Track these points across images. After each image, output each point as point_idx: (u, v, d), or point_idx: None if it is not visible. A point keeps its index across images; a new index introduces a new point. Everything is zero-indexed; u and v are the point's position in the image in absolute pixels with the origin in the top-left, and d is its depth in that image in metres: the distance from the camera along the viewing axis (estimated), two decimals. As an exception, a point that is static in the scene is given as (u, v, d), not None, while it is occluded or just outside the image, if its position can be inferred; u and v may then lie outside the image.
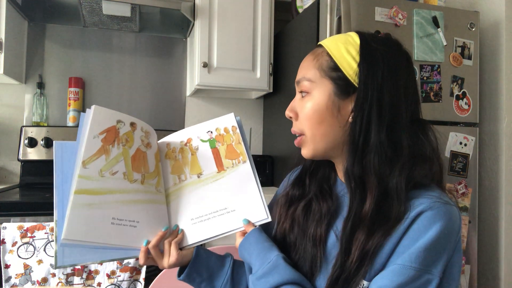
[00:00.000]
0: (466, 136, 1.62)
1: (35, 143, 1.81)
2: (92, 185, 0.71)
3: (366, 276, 0.61)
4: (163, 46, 2.15)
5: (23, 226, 1.27)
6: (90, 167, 0.72)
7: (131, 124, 0.80)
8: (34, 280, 1.26)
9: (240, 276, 0.82)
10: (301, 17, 1.79)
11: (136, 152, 0.79)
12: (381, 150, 0.64)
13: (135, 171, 0.77)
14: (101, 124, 0.75)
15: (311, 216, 0.72)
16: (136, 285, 1.36)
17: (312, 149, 0.71)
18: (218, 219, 0.80)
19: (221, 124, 0.87)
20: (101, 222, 0.71)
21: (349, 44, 0.68)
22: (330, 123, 0.68)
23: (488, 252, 1.75)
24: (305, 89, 0.71)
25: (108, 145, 0.75)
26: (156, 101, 2.11)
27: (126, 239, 0.74)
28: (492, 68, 1.78)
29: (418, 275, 0.58)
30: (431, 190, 0.64)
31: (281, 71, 1.98)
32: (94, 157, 0.73)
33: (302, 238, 0.72)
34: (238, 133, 0.85)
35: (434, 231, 0.58)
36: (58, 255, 0.69)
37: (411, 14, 1.54)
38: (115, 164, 0.75)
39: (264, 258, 0.69)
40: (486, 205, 1.77)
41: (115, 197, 0.73)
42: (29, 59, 1.94)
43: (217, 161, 0.84)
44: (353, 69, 0.66)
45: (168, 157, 0.87)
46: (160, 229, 0.78)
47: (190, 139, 0.87)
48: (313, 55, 0.72)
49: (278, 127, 2.05)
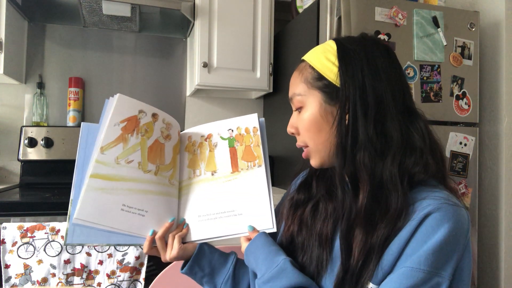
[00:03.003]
0: (466, 136, 1.62)
1: (35, 143, 1.81)
2: (108, 171, 0.74)
3: (372, 278, 0.61)
4: (163, 46, 2.15)
5: (23, 226, 1.27)
6: (107, 154, 0.75)
7: (152, 115, 0.81)
8: (34, 280, 1.26)
9: (242, 275, 0.82)
10: (301, 17, 1.79)
11: (154, 143, 0.81)
12: (371, 145, 0.64)
13: (150, 161, 0.79)
14: (123, 112, 0.78)
15: (318, 216, 0.73)
16: (136, 285, 1.36)
17: (318, 158, 0.72)
18: (224, 220, 0.79)
19: (242, 124, 0.86)
20: (112, 207, 0.73)
21: (327, 51, 0.71)
22: (328, 131, 0.69)
23: (488, 252, 1.76)
24: (298, 104, 0.73)
25: (127, 134, 0.77)
26: (156, 101, 2.11)
27: (133, 227, 0.76)
28: (492, 68, 1.78)
29: (427, 277, 0.57)
30: (439, 191, 0.63)
31: (281, 71, 1.98)
32: (112, 144, 0.76)
33: (310, 238, 0.72)
34: (258, 135, 0.83)
35: (442, 232, 0.58)
36: (69, 233, 0.72)
37: (411, 14, 1.54)
38: (132, 153, 0.77)
39: (271, 261, 0.68)
40: (486, 205, 1.77)
41: (128, 185, 0.76)
42: (29, 59, 1.94)
43: (233, 161, 0.83)
44: (335, 73, 0.68)
45: (188, 150, 0.87)
46: (167, 221, 0.79)
47: (211, 134, 0.86)
48: (298, 70, 0.75)
49: (278, 127, 2.05)
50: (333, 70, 0.68)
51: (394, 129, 0.65)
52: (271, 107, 2.17)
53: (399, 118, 0.66)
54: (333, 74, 0.68)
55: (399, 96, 0.67)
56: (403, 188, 0.63)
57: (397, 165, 0.64)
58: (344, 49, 0.69)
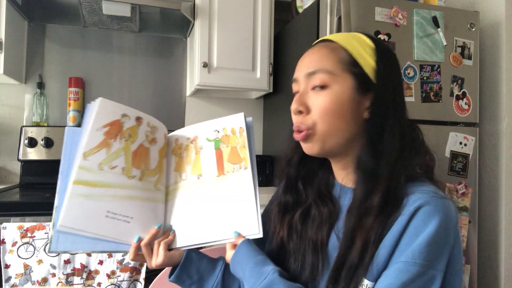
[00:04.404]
0: (466, 136, 1.62)
1: (35, 143, 1.81)
2: (91, 177, 0.72)
3: (367, 274, 0.61)
4: (163, 46, 2.15)
5: (23, 226, 1.27)
6: (90, 159, 0.73)
7: (136, 118, 0.79)
8: (34, 280, 1.26)
9: (231, 281, 0.80)
10: (301, 17, 1.79)
11: (138, 147, 0.79)
12: (394, 144, 0.66)
13: (135, 167, 0.77)
14: (105, 117, 0.75)
15: (310, 222, 0.72)
16: (136, 285, 1.36)
17: (321, 144, 0.68)
18: (210, 226, 0.76)
19: (228, 124, 0.82)
20: (96, 214, 0.72)
21: (364, 44, 0.70)
22: (347, 118, 0.67)
23: (488, 252, 1.75)
24: (320, 81, 0.67)
25: (110, 139, 0.75)
26: (156, 101, 2.12)
27: (119, 233, 0.74)
28: (492, 68, 1.78)
29: (422, 271, 0.58)
30: (426, 186, 0.65)
31: (281, 71, 1.98)
32: (95, 149, 0.74)
33: (301, 245, 0.71)
34: (245, 136, 0.79)
35: (433, 225, 0.59)
36: (53, 241, 0.70)
37: (411, 14, 1.54)
38: (115, 159, 0.75)
39: (259, 273, 0.66)
40: (486, 205, 1.77)
41: (112, 191, 0.74)
42: (29, 59, 1.94)
43: (219, 163, 0.80)
44: (371, 67, 0.68)
45: (174, 153, 0.85)
46: (153, 227, 0.77)
47: (197, 136, 0.83)
48: (327, 48, 0.70)
49: (278, 127, 2.05)
50: (370, 64, 0.68)
51: (407, 133, 0.69)
52: (271, 107, 2.17)
53: (406, 119, 0.70)
54: (368, 66, 0.68)
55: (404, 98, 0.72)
56: (402, 185, 0.65)
57: (405, 168, 0.66)
58: (383, 48, 0.70)
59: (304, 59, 0.73)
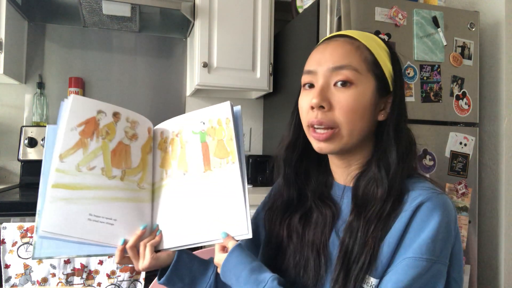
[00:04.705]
0: (466, 136, 1.62)
1: (35, 143, 1.81)
2: (69, 180, 0.70)
3: (372, 271, 0.61)
4: (163, 46, 2.15)
5: (23, 226, 1.27)
6: (67, 161, 0.70)
7: (113, 114, 0.75)
8: (34, 280, 1.26)
9: (224, 284, 0.76)
10: (301, 17, 1.79)
11: (117, 145, 0.75)
12: (402, 145, 0.67)
13: (115, 166, 0.74)
14: (79, 115, 0.72)
15: (313, 225, 0.71)
16: (136, 285, 1.36)
17: (342, 145, 0.66)
18: (197, 226, 0.72)
19: (214, 115, 0.76)
20: (78, 217, 0.69)
21: (381, 47, 0.70)
22: (366, 120, 0.66)
23: (488, 252, 1.75)
24: (348, 78, 0.65)
25: (87, 138, 0.72)
26: (156, 101, 2.11)
27: (103, 237, 0.71)
28: (492, 68, 1.78)
29: (429, 265, 0.58)
30: (423, 182, 0.66)
31: (281, 71, 1.98)
32: (72, 150, 0.70)
33: (303, 247, 0.70)
34: (231, 128, 0.73)
35: (436, 220, 0.59)
36: (36, 247, 0.68)
37: (411, 14, 1.54)
38: (93, 159, 0.72)
39: (257, 281, 0.63)
40: (486, 205, 1.77)
41: (92, 193, 0.71)
42: (29, 59, 1.94)
43: (205, 158, 0.75)
44: (389, 70, 0.69)
45: (160, 148, 0.80)
46: (139, 229, 0.75)
47: (181, 129, 0.78)
48: (352, 45, 0.67)
49: (278, 127, 2.05)
50: (388, 67, 0.69)
51: (408, 134, 0.71)
52: (271, 107, 2.17)
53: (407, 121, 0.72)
54: (388, 70, 0.68)
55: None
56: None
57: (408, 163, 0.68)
58: (394, 53, 0.72)
59: (324, 51, 0.68)
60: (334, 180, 0.75)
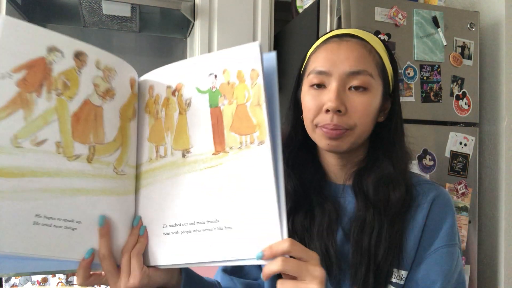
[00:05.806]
0: (466, 136, 1.62)
1: (35, 143, 1.80)
2: (3, 161, 0.43)
3: (399, 264, 0.64)
4: (163, 46, 2.15)
5: (23, 226, 1.27)
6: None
7: (76, 55, 0.48)
8: (34, 280, 1.26)
9: None
10: (301, 17, 1.79)
11: (82, 106, 0.49)
12: (403, 144, 0.72)
13: (79, 140, 0.48)
14: (17, 52, 0.44)
15: (318, 225, 0.69)
16: (136, 285, 1.35)
17: (351, 144, 0.66)
18: (204, 235, 0.49)
19: (233, 64, 0.51)
20: (18, 221, 0.44)
21: (383, 47, 0.70)
22: (374, 122, 0.69)
23: (488, 252, 1.75)
24: (365, 84, 0.64)
25: (30, 93, 0.45)
26: (156, 101, 2.11)
27: (58, 248, 0.47)
28: (492, 68, 1.78)
29: (457, 250, 0.66)
30: (417, 176, 0.72)
31: (281, 71, 1.97)
32: (4, 112, 0.43)
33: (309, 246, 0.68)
34: (260, 85, 0.51)
35: (452, 211, 0.67)
36: None
37: (411, 14, 1.54)
38: (43, 127, 0.46)
39: None
40: (486, 205, 1.77)
41: (41, 182, 0.46)
42: (29, 59, 1.94)
43: (217, 132, 0.50)
44: (391, 73, 0.70)
45: (148, 111, 0.54)
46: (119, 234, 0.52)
47: (182, 84, 0.53)
48: (365, 49, 0.66)
49: (278, 127, 2.04)
50: (390, 70, 0.70)
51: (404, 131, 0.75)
52: (271, 107, 2.16)
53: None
54: (390, 73, 0.69)
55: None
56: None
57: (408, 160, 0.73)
58: (392, 54, 0.72)
59: (338, 52, 0.65)
60: (328, 179, 0.75)
